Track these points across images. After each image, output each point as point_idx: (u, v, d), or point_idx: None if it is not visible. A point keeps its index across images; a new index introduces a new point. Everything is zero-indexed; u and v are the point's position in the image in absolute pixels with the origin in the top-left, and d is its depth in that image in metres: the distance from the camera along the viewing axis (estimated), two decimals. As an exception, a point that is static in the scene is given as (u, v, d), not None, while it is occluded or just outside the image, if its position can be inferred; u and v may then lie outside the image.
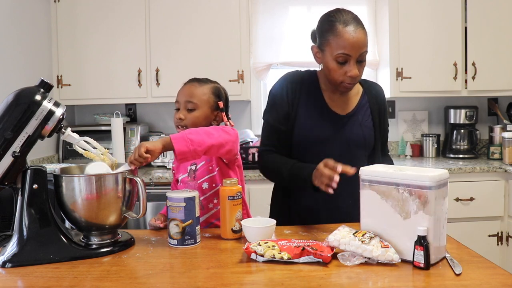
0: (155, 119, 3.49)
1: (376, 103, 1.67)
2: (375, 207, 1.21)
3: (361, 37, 1.48)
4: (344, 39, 1.46)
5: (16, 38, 2.72)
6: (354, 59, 1.48)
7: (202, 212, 1.55)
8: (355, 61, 1.49)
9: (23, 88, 1.24)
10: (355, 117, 1.62)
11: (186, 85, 1.63)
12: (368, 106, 1.66)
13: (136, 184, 1.29)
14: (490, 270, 1.10)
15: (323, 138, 1.58)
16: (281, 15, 3.40)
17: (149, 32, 3.08)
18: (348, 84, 1.52)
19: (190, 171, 1.60)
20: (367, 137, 1.63)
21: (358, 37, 1.47)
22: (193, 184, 1.57)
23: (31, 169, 1.22)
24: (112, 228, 1.32)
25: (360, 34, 1.48)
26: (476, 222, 2.85)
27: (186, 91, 1.60)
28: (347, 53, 1.47)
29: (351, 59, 1.48)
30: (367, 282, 1.05)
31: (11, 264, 1.18)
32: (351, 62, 1.48)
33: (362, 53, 1.49)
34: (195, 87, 1.60)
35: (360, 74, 1.53)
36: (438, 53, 3.10)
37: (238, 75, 3.09)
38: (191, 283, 1.07)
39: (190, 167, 1.60)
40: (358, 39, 1.47)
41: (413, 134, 3.54)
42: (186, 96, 1.59)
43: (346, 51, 1.47)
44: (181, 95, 1.60)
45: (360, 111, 1.64)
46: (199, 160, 1.58)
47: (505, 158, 3.02)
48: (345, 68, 1.49)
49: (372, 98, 1.67)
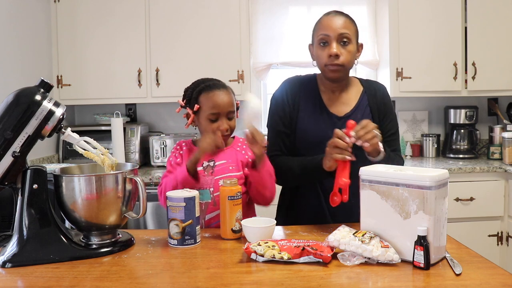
0: (155, 119, 3.49)
1: (375, 102, 1.67)
2: (375, 207, 1.21)
3: (339, 20, 1.56)
4: (323, 23, 1.57)
5: (16, 38, 2.72)
6: (334, 40, 1.53)
7: (215, 208, 1.55)
8: (336, 42, 1.53)
9: (23, 88, 1.24)
10: (354, 117, 1.62)
11: (222, 94, 1.58)
12: (368, 105, 1.66)
13: (136, 184, 1.29)
14: (490, 270, 1.10)
15: (322, 140, 1.58)
16: (281, 15, 3.40)
17: (149, 32, 3.08)
18: (331, 66, 1.54)
19: (207, 167, 1.59)
20: None
21: (336, 19, 1.56)
22: (210, 179, 1.57)
23: (31, 169, 1.22)
24: (112, 228, 1.32)
25: (339, 18, 1.56)
26: (476, 222, 2.85)
27: (226, 100, 1.57)
28: (325, 33, 1.54)
29: (330, 39, 1.54)
30: (367, 282, 1.05)
31: (11, 264, 1.18)
32: (331, 42, 1.54)
33: (342, 34, 1.53)
34: (230, 94, 1.60)
35: (345, 58, 1.54)
36: (438, 53, 3.10)
37: (238, 75, 3.09)
38: (191, 283, 1.07)
39: (207, 163, 1.60)
40: (336, 20, 1.55)
41: (413, 134, 3.54)
42: (228, 105, 1.57)
43: (324, 31, 1.55)
44: (223, 105, 1.56)
45: (360, 110, 1.64)
46: (218, 158, 1.60)
47: (505, 158, 3.02)
48: (326, 49, 1.55)
49: (372, 97, 1.67)
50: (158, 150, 3.10)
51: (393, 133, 1.70)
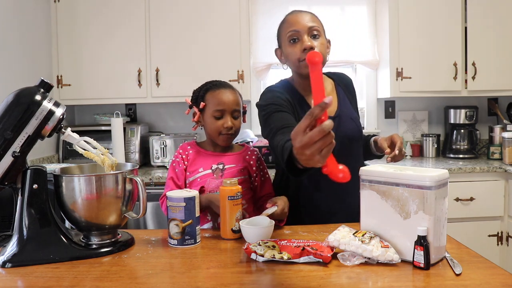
0: (155, 119, 3.49)
1: (348, 91, 1.70)
2: (375, 207, 1.21)
3: (305, 15, 1.54)
4: (290, 21, 1.56)
5: (16, 38, 2.72)
6: (304, 33, 1.51)
7: None
8: (307, 35, 1.51)
9: (23, 88, 1.24)
10: (343, 113, 1.62)
11: (228, 93, 1.58)
12: (345, 96, 1.68)
13: (136, 184, 1.29)
14: (490, 270, 1.10)
15: None
16: (281, 15, 3.34)
17: (149, 32, 3.08)
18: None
19: (216, 169, 1.59)
20: (359, 128, 1.63)
21: (302, 15, 1.54)
22: (219, 182, 1.56)
23: (31, 169, 1.22)
24: (112, 228, 1.32)
25: (305, 14, 1.55)
26: (476, 222, 2.85)
27: (232, 99, 1.58)
28: (295, 29, 1.52)
29: (300, 34, 1.52)
30: (367, 282, 1.05)
31: (11, 264, 1.18)
32: (302, 37, 1.52)
33: (312, 27, 1.52)
34: (236, 94, 1.61)
35: (320, 50, 1.50)
36: (438, 53, 3.10)
37: (238, 75, 3.09)
38: (191, 283, 1.07)
39: (217, 166, 1.60)
40: (302, 16, 1.54)
41: (413, 134, 3.54)
42: (234, 104, 1.58)
43: (293, 27, 1.53)
44: (228, 103, 1.57)
45: (343, 105, 1.65)
46: (228, 162, 1.60)
47: (505, 158, 3.02)
48: (298, 45, 1.52)
49: (344, 87, 1.69)
50: (158, 150, 3.10)
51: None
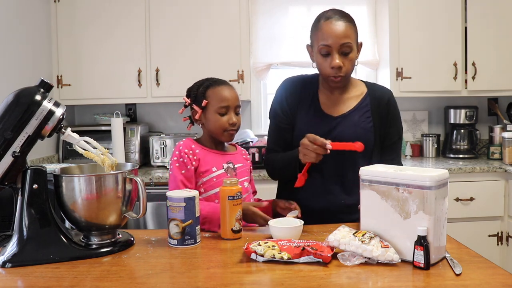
0: (155, 119, 3.49)
1: (378, 107, 1.66)
2: (375, 207, 1.21)
3: (340, 28, 1.50)
4: (324, 31, 1.51)
5: (16, 38, 2.72)
6: (335, 50, 1.51)
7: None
8: (337, 53, 1.51)
9: (23, 88, 1.24)
10: (350, 118, 1.63)
11: (229, 89, 1.60)
12: (369, 108, 1.65)
13: (136, 184, 1.29)
14: (490, 270, 1.10)
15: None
16: (281, 15, 3.40)
17: (149, 32, 3.08)
18: (334, 77, 1.54)
19: (228, 169, 1.60)
20: (360, 139, 1.61)
21: (337, 28, 1.50)
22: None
23: (31, 169, 1.22)
24: (112, 228, 1.32)
25: (340, 26, 1.51)
26: (476, 222, 2.85)
27: (234, 95, 1.60)
28: (326, 44, 1.51)
29: (332, 50, 1.51)
30: (367, 282, 1.05)
31: (11, 264, 1.18)
32: (333, 54, 1.51)
33: (344, 44, 1.50)
34: (235, 90, 1.62)
35: (347, 68, 1.53)
36: (438, 53, 3.10)
37: (238, 75, 3.09)
38: (191, 283, 1.07)
39: (227, 165, 1.60)
40: (337, 30, 1.50)
41: (413, 134, 3.54)
42: (236, 100, 1.60)
43: (325, 42, 1.51)
44: (232, 99, 1.58)
45: (359, 112, 1.64)
46: (236, 161, 1.63)
47: (505, 158, 3.01)
48: (328, 60, 1.52)
49: (375, 101, 1.66)
50: (158, 150, 3.10)
51: (394, 142, 1.70)
